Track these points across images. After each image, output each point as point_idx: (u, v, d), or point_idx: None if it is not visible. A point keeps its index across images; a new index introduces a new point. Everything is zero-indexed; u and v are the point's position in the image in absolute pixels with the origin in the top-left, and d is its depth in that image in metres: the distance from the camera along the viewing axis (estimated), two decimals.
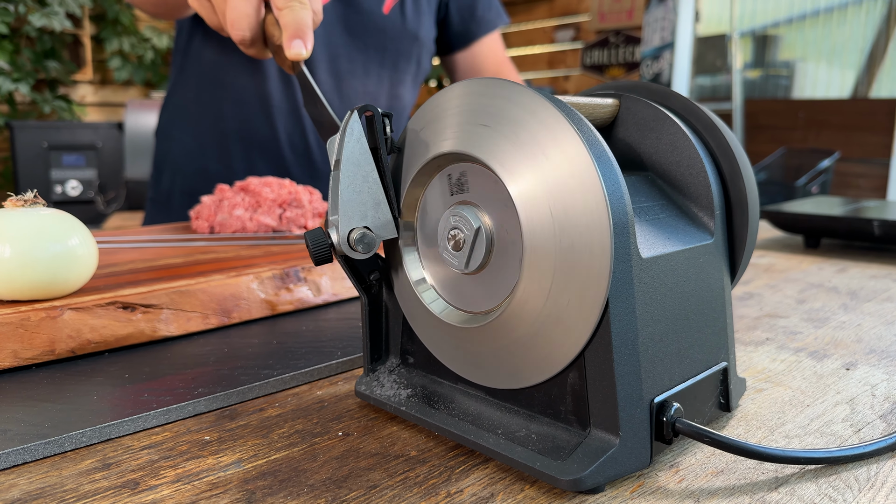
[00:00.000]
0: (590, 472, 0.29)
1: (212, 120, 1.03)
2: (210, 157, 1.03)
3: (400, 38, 1.07)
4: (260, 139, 1.02)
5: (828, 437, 0.35)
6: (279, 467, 0.32)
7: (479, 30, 1.17)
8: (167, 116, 1.09)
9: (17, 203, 0.46)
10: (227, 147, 1.03)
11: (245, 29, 0.53)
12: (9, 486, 0.31)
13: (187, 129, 1.05)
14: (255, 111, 1.02)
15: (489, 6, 1.17)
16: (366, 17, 1.03)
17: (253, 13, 0.53)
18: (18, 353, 0.42)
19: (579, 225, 0.29)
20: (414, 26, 1.07)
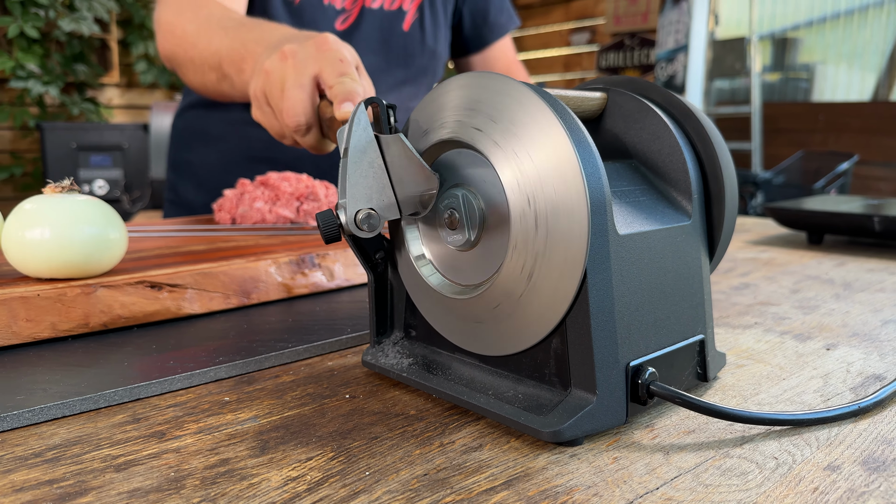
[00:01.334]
0: (568, 425, 0.32)
1: (237, 140, 1.05)
2: (235, 175, 1.04)
3: (420, 55, 1.12)
4: (285, 160, 1.05)
5: (797, 405, 0.38)
6: (291, 422, 0.35)
7: (492, 35, 1.21)
8: (185, 125, 1.11)
9: (56, 189, 0.50)
10: (253, 167, 1.04)
11: (300, 114, 0.53)
12: (50, 435, 0.34)
13: (211, 145, 1.07)
14: None
15: (501, 10, 1.21)
16: (388, 35, 1.08)
17: (307, 98, 0.54)
18: (56, 325, 0.46)
19: (560, 205, 0.32)
20: (432, 42, 1.12)
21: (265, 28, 0.69)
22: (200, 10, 0.78)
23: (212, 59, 0.72)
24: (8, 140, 3.30)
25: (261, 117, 0.58)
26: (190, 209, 1.09)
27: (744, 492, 0.29)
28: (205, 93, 0.82)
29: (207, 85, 0.76)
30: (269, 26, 0.70)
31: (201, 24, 0.75)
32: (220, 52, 0.70)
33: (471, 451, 0.32)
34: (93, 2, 3.21)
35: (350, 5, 1.04)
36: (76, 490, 0.29)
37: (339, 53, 0.56)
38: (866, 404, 0.36)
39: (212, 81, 0.74)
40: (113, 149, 3.06)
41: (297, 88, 0.53)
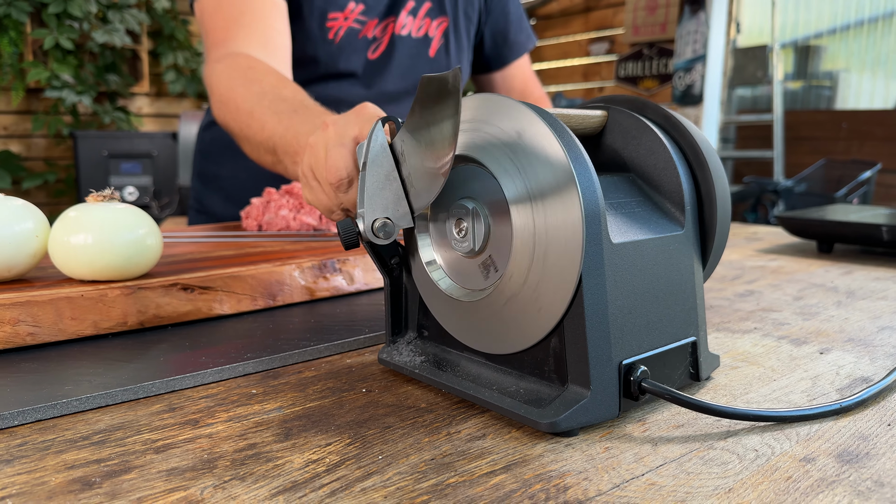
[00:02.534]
0: (564, 416, 0.35)
1: None
2: (262, 191, 1.05)
3: None
4: None
5: (784, 403, 0.41)
6: (312, 412, 0.39)
7: (512, 54, 1.26)
8: (212, 138, 1.13)
9: (98, 198, 0.54)
10: (281, 182, 1.06)
11: (342, 168, 0.52)
12: (95, 421, 0.38)
13: (239, 160, 1.07)
14: None
15: (520, 30, 1.26)
16: (416, 62, 1.13)
17: (348, 155, 0.53)
18: (98, 323, 0.50)
19: (558, 216, 0.35)
20: (457, 62, 1.17)
21: (314, 116, 0.70)
22: (252, 86, 0.79)
23: (266, 143, 0.74)
24: (43, 147, 3.41)
25: (310, 196, 0.59)
26: (216, 219, 1.12)
27: (722, 479, 0.31)
28: (256, 160, 0.81)
29: (263, 162, 0.77)
30: (318, 113, 0.71)
31: (255, 104, 0.76)
32: (273, 139, 0.71)
33: (475, 439, 0.35)
34: (125, 14, 3.31)
35: (380, 33, 1.08)
36: (121, 468, 0.32)
37: (379, 113, 0.58)
38: (848, 403, 0.39)
39: (267, 162, 0.76)
40: (143, 156, 3.15)
41: (338, 147, 0.53)
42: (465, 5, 1.18)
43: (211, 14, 0.92)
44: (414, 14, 1.11)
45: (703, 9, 3.45)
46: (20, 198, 0.55)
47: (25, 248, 0.52)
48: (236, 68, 0.82)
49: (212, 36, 0.91)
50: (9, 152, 3.23)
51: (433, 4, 1.13)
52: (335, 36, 1.03)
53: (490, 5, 1.21)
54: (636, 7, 3.73)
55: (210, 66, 0.87)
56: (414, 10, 1.11)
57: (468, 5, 1.18)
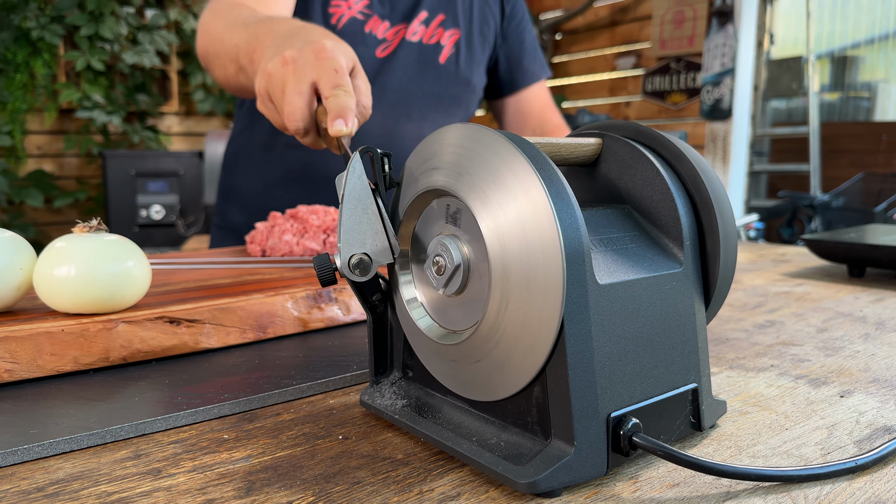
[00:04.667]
0: (544, 476, 0.32)
1: (276, 161, 1.12)
2: (274, 195, 1.12)
3: (454, 85, 1.17)
4: (318, 179, 1.11)
5: (794, 458, 0.37)
6: (281, 463, 0.37)
7: (525, 79, 1.28)
8: (233, 151, 1.19)
9: (84, 230, 0.53)
10: (291, 186, 1.11)
11: (299, 120, 0.57)
12: (56, 469, 0.36)
13: (254, 168, 1.14)
14: (315, 154, 1.10)
15: (534, 59, 1.28)
16: (424, 66, 1.14)
17: (305, 106, 0.58)
18: (79, 359, 0.49)
19: (537, 255, 0.32)
20: (467, 74, 1.18)
21: (277, 21, 0.73)
22: (233, 11, 0.83)
23: (232, 52, 0.77)
24: (74, 166, 3.48)
25: (264, 111, 0.63)
26: (236, 232, 1.15)
27: None
28: (227, 87, 0.87)
29: (229, 78, 0.82)
30: (282, 20, 0.74)
31: (229, 23, 0.81)
32: (238, 46, 0.75)
33: (448, 500, 0.33)
34: (154, 35, 3.37)
35: (391, 37, 1.10)
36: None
37: (336, 62, 0.59)
38: (864, 461, 0.35)
39: (231, 74, 0.79)
40: (169, 175, 3.19)
41: (296, 95, 0.57)
42: (482, 24, 1.20)
43: None
44: (426, 24, 1.13)
45: (732, 21, 3.38)
46: (52, 217, 0.54)
47: (10, 281, 0.51)
48: (223, 4, 0.87)
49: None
50: (42, 171, 3.30)
51: (447, 16, 1.15)
52: (337, 21, 1.05)
53: (507, 30, 1.25)
54: (663, 21, 3.68)
55: (203, 12, 0.91)
56: (427, 21, 1.13)
57: (484, 24, 1.20)
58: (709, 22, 3.46)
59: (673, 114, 3.70)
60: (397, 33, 1.10)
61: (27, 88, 3.23)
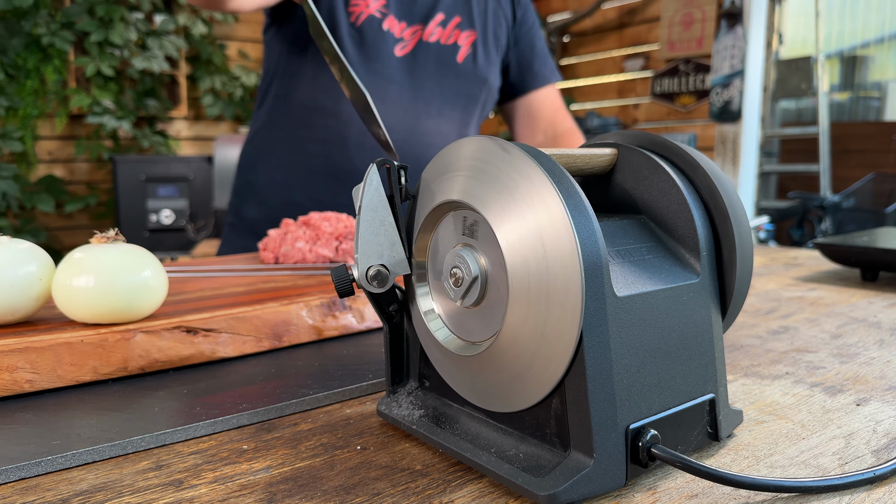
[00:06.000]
0: (563, 488, 0.32)
1: (299, 156, 1.15)
2: (297, 189, 1.15)
3: (472, 83, 1.21)
4: (340, 172, 1.14)
5: (812, 468, 0.37)
6: (301, 474, 0.37)
7: (535, 82, 1.31)
8: (252, 150, 1.21)
9: (101, 240, 0.53)
10: (313, 180, 1.15)
11: None
12: (79, 480, 0.37)
13: (275, 163, 1.17)
14: (336, 148, 1.14)
15: (544, 64, 1.32)
16: (443, 65, 1.18)
17: None
18: (97, 369, 0.49)
19: (555, 268, 0.32)
20: (484, 73, 1.22)
21: None
22: None
23: None
24: (84, 171, 3.50)
25: None
26: (251, 230, 1.17)
27: None
28: None
29: None
30: None
31: None
32: None
33: None
34: (164, 41, 3.39)
35: (409, 37, 1.14)
36: None
37: None
38: (883, 471, 0.35)
39: None
40: (179, 180, 3.21)
41: None
42: (495, 26, 1.23)
43: None
44: (444, 25, 1.17)
45: (741, 23, 3.37)
46: (63, 222, 0.55)
47: (29, 291, 0.52)
48: None
49: None
50: (53, 177, 3.32)
51: (463, 18, 1.18)
52: (356, 19, 1.10)
53: (518, 34, 1.27)
54: (671, 22, 3.67)
55: None
56: (444, 22, 1.17)
57: (497, 27, 1.24)
58: (717, 24, 3.45)
59: (682, 116, 3.69)
60: (414, 34, 1.14)
61: (38, 94, 3.26)
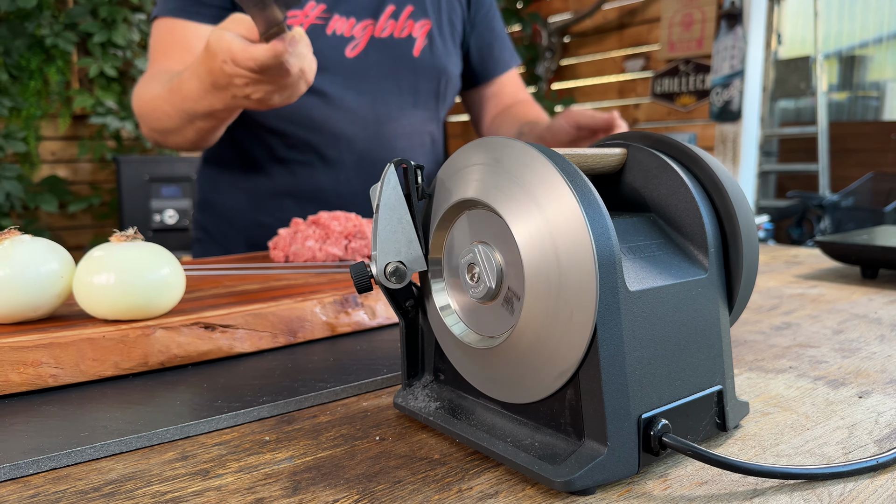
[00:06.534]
0: (579, 475, 0.33)
1: (263, 178, 1.13)
2: (262, 211, 1.12)
3: (431, 77, 1.17)
4: (305, 195, 1.12)
5: (817, 457, 0.38)
6: (323, 463, 0.38)
7: (497, 68, 1.28)
8: (210, 176, 1.18)
9: (121, 238, 0.55)
10: (279, 202, 1.12)
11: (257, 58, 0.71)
12: (108, 470, 0.38)
13: (238, 186, 1.14)
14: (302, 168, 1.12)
15: (504, 47, 1.29)
16: (398, 62, 1.13)
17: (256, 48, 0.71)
18: (119, 364, 0.51)
19: (570, 262, 0.34)
20: (443, 63, 1.17)
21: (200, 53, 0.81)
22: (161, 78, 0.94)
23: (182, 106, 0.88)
24: (88, 172, 3.51)
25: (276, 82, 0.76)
26: (220, 244, 1.15)
27: None
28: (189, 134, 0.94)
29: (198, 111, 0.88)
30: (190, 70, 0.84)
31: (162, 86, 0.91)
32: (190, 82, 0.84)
33: (487, 497, 0.34)
34: None
35: (359, 33, 1.09)
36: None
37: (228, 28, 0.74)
38: (885, 459, 0.36)
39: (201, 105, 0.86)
40: (182, 180, 3.22)
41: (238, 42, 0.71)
42: (450, 12, 1.19)
43: (156, 37, 1.04)
44: (395, 17, 1.12)
45: (741, 24, 3.39)
46: (67, 222, 0.56)
47: (51, 289, 0.53)
48: (150, 79, 0.97)
49: (150, 55, 1.05)
50: (56, 177, 3.34)
51: (415, 8, 1.13)
52: None
53: (475, 18, 1.24)
54: (671, 23, 3.69)
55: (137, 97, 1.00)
56: (395, 14, 1.12)
57: (452, 12, 1.19)
58: (717, 24, 3.46)
59: (682, 116, 3.71)
60: (365, 30, 1.09)
61: (41, 95, 3.27)
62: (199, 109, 0.87)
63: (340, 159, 1.12)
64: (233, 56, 0.72)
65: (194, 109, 0.87)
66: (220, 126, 0.95)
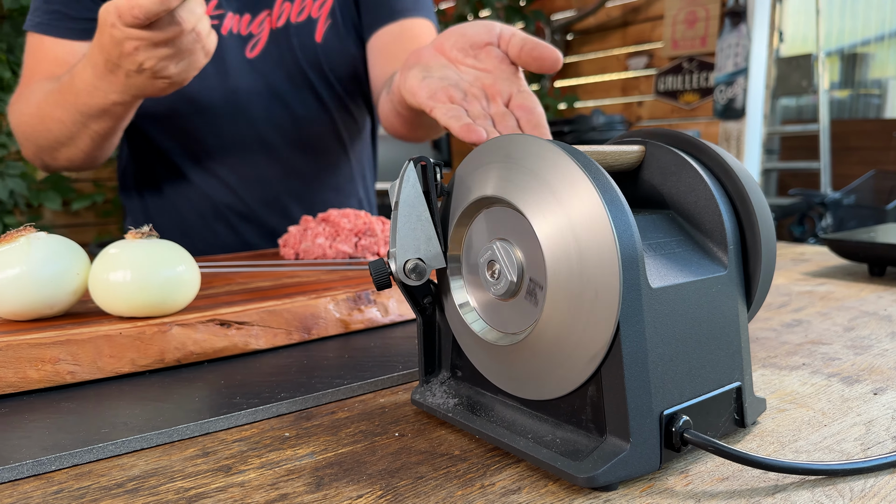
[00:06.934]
0: (602, 471, 0.33)
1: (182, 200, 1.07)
2: (198, 237, 1.08)
3: (343, 64, 1.06)
4: (240, 214, 1.08)
5: (836, 453, 0.38)
6: (344, 459, 0.38)
7: (377, 18, 1.05)
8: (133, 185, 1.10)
9: (136, 235, 0.55)
10: (209, 225, 1.08)
11: None
12: (130, 466, 0.38)
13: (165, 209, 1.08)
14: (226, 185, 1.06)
15: None
16: (304, 52, 1.02)
17: None
18: (135, 361, 0.51)
19: (593, 260, 0.34)
20: (347, 42, 1.05)
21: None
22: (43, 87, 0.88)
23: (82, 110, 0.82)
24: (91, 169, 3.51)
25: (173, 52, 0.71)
26: None
27: None
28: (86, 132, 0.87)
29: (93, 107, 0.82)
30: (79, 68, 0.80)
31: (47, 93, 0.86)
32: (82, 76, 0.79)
33: (510, 493, 0.34)
34: None
35: (257, 30, 1.00)
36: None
37: None
38: None
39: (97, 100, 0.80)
40: None
41: None
42: None
43: (28, 52, 0.97)
44: (290, 0, 1.01)
45: (745, 21, 3.39)
46: (70, 220, 0.57)
47: (67, 286, 0.53)
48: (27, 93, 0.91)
49: (23, 71, 0.97)
50: (59, 175, 3.33)
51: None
52: None
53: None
54: (675, 21, 3.68)
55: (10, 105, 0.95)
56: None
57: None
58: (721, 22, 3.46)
59: (686, 113, 3.71)
60: (262, 23, 1.00)
61: None
62: (94, 103, 0.80)
63: (254, 169, 1.05)
64: (119, 11, 0.66)
65: (88, 105, 0.81)
66: (116, 129, 0.88)
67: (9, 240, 0.53)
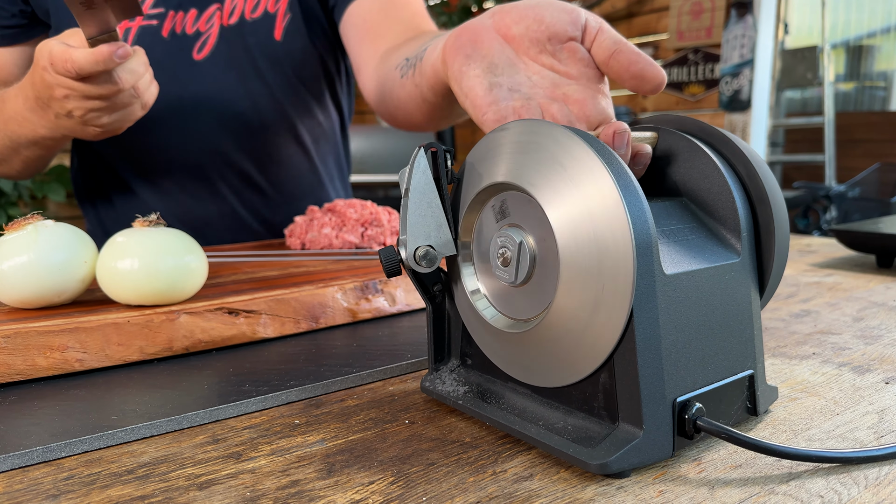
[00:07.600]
0: (615, 458, 0.33)
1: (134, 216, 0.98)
2: None
3: (303, 64, 0.95)
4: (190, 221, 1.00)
5: (849, 441, 0.38)
6: (355, 446, 0.38)
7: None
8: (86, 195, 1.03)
9: (144, 224, 0.55)
10: None
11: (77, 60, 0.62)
12: (140, 453, 0.38)
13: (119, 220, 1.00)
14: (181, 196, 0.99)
15: None
16: (261, 53, 0.92)
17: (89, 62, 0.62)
18: (144, 349, 0.51)
19: (607, 246, 0.33)
20: (311, 36, 0.94)
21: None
22: None
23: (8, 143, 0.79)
24: None
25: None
26: None
27: None
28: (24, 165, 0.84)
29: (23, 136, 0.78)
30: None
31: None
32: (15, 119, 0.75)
33: (522, 480, 0.34)
34: None
35: (205, 27, 0.89)
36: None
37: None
38: None
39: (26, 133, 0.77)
40: None
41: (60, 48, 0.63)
42: None
43: None
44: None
45: (751, 12, 3.37)
46: (74, 211, 0.56)
47: (75, 274, 0.53)
48: None
49: None
50: (63, 166, 3.33)
51: None
52: (124, 39, 0.86)
53: None
54: (680, 12, 3.66)
55: None
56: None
57: None
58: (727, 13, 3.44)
59: (691, 105, 3.69)
60: (211, 20, 0.89)
61: None
62: (23, 134, 0.76)
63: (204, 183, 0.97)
64: (51, 58, 0.63)
65: (17, 134, 0.77)
66: (49, 155, 0.85)
67: (16, 228, 0.53)
